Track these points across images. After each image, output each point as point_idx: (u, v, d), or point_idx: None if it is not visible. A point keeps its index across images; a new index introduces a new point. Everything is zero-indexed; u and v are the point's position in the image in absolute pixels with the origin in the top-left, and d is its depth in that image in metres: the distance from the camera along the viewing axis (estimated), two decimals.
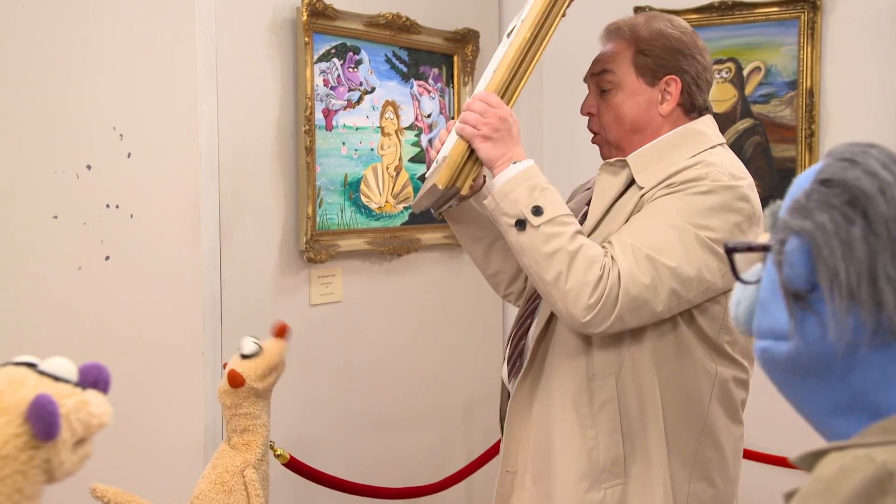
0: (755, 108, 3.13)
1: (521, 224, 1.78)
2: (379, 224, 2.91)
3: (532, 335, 1.98)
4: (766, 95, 3.11)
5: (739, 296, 0.99)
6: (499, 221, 1.82)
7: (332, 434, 2.81)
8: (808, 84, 3.01)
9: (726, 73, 3.15)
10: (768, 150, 3.11)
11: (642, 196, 1.88)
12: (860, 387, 0.90)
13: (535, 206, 1.78)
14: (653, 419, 1.89)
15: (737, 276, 0.98)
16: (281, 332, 2.16)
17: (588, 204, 2.02)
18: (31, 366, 1.09)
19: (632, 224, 1.85)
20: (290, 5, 2.61)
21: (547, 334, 1.95)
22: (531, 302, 2.04)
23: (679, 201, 1.82)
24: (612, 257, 1.77)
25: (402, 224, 3.00)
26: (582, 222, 1.94)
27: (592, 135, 2.03)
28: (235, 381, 2.04)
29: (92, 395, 1.09)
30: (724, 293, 1.85)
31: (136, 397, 2.45)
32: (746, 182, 1.88)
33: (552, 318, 1.92)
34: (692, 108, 1.98)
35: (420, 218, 3.04)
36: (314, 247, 2.66)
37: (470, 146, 1.85)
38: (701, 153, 1.89)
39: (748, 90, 3.13)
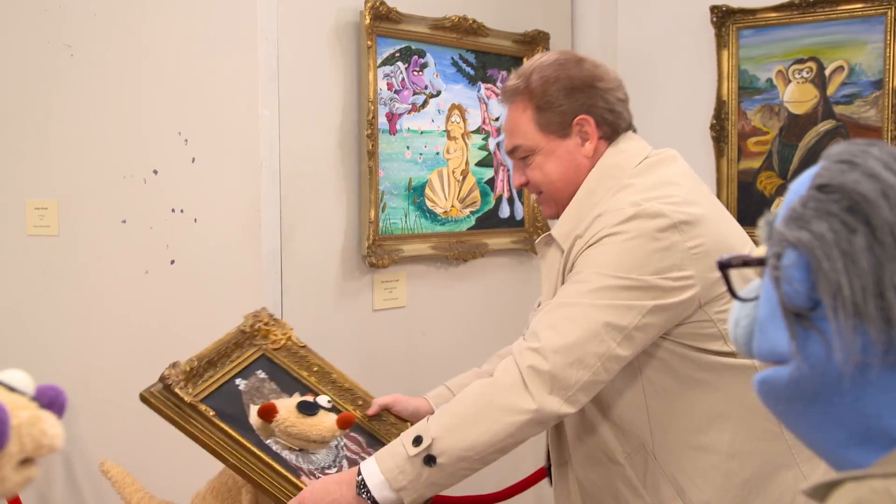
0: (838, 110, 3.00)
1: (430, 461, 1.71)
2: (444, 228, 2.89)
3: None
4: (850, 96, 2.99)
5: (738, 314, 0.90)
6: (418, 481, 1.72)
7: None
8: (895, 83, 2.88)
9: (807, 72, 3.04)
10: None
11: (564, 255, 1.83)
12: (874, 411, 0.81)
13: (426, 456, 1.71)
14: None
15: (733, 294, 0.90)
16: (345, 423, 1.95)
17: None
18: None
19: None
20: (353, 9, 2.60)
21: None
22: None
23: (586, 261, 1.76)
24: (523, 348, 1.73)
25: (469, 228, 2.96)
26: None
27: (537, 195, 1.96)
28: (268, 413, 1.90)
29: (48, 415, 1.02)
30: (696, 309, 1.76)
31: None
32: (656, 202, 1.75)
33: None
34: (614, 133, 1.88)
35: (487, 222, 3.01)
36: (376, 251, 2.64)
37: None
38: (620, 188, 1.81)
39: (830, 90, 3.01)
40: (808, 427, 0.86)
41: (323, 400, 1.95)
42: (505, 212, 3.08)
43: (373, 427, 2.10)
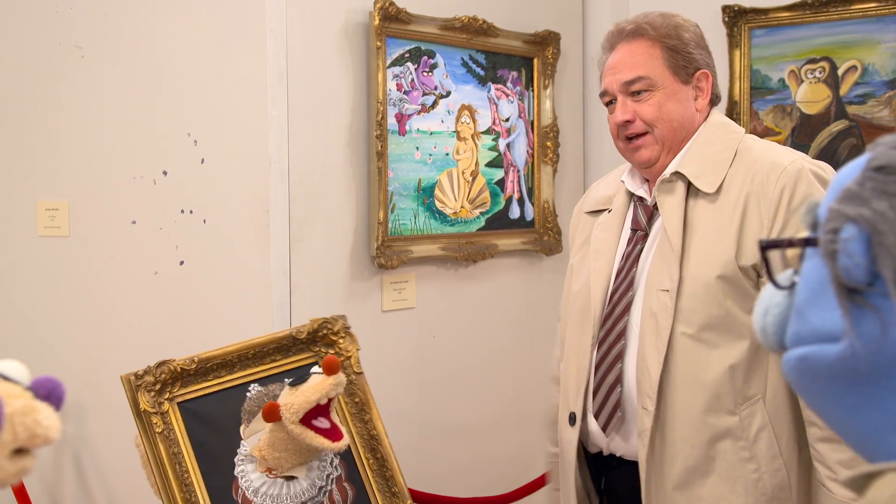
0: (850, 110, 2.98)
1: None
2: (454, 229, 2.88)
3: (636, 379, 1.86)
4: (863, 96, 2.96)
5: (767, 303, 0.87)
6: None
7: (406, 442, 2.78)
8: None
9: (820, 72, 3.02)
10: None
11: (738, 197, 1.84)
12: None
13: None
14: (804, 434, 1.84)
15: (772, 279, 0.87)
16: (330, 367, 1.93)
17: (636, 227, 1.96)
18: None
19: None
20: (362, 9, 2.60)
21: (665, 374, 1.83)
22: (610, 345, 1.92)
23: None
24: None
25: (479, 229, 2.96)
26: (634, 246, 1.92)
27: (629, 141, 1.93)
28: (272, 414, 1.89)
29: (43, 405, 1.02)
30: None
31: None
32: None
33: (669, 356, 1.82)
34: (716, 99, 1.97)
35: (497, 223, 3.00)
36: (385, 252, 2.64)
37: None
38: (740, 144, 1.89)
39: (843, 90, 2.99)
40: (844, 409, 0.83)
41: (315, 368, 1.96)
42: (515, 213, 3.07)
43: (374, 488, 2.09)
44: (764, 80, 3.10)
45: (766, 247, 0.87)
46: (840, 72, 2.99)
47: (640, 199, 1.97)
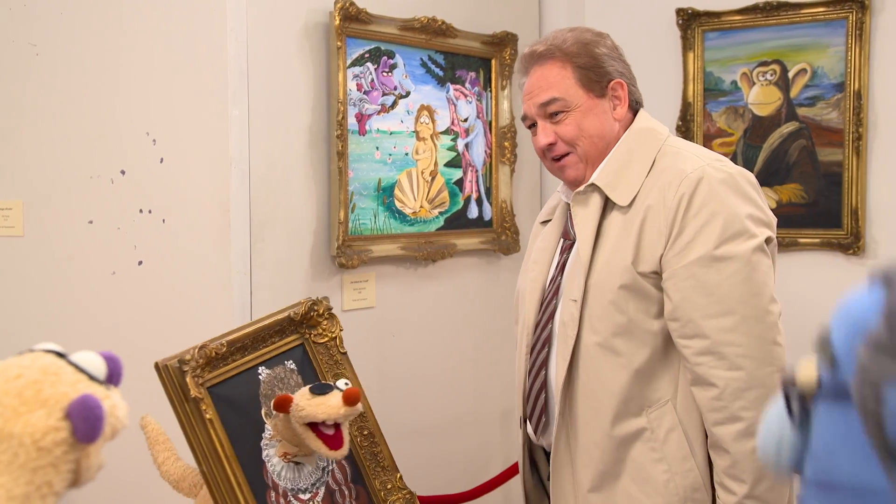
0: (801, 111, 3.05)
1: None
2: (413, 229, 2.89)
3: (556, 385, 1.93)
4: (813, 98, 3.03)
5: (778, 432, 0.84)
6: None
7: None
8: (856, 86, 2.93)
9: (771, 75, 3.08)
10: (814, 155, 3.02)
11: (629, 208, 1.88)
12: None
13: None
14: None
15: (792, 417, 0.83)
16: (349, 399, 1.91)
17: (565, 237, 2.01)
18: (58, 354, 1.08)
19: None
20: (322, 9, 2.60)
21: (571, 382, 1.90)
22: (538, 352, 1.99)
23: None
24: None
25: (438, 229, 2.97)
26: (562, 255, 1.98)
27: (555, 161, 1.98)
28: (283, 405, 1.88)
29: (118, 398, 1.09)
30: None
31: (167, 402, 2.45)
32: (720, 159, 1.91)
33: (574, 360, 1.88)
34: (636, 104, 2.00)
35: (456, 223, 3.02)
36: (346, 252, 2.64)
37: None
38: (659, 151, 1.92)
39: (794, 93, 3.05)
40: None
41: (341, 383, 1.95)
42: (473, 212, 3.09)
43: (365, 465, 2.10)
44: (717, 82, 3.15)
45: (788, 386, 0.83)
46: (790, 74, 3.06)
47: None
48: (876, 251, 2.95)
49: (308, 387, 1.92)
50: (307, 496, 1.94)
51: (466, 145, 3.05)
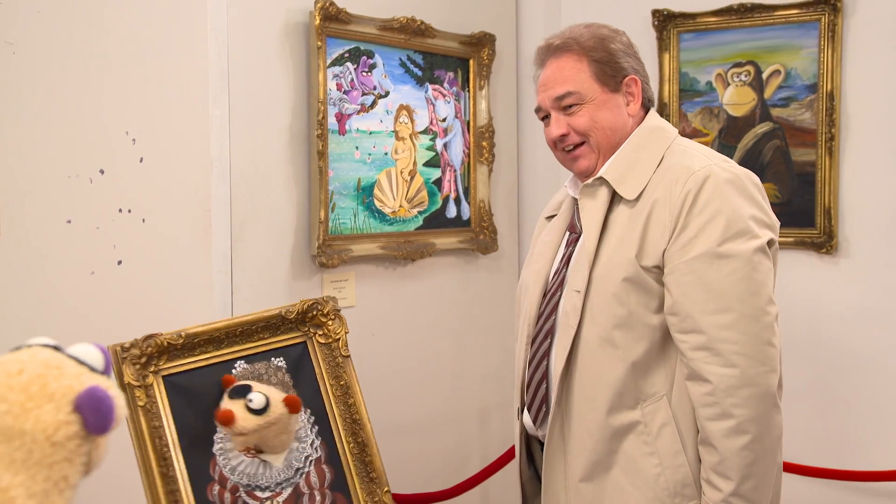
0: (774, 112, 3.09)
1: None
2: (393, 228, 2.90)
3: (555, 376, 1.94)
4: (786, 99, 3.07)
5: None
6: None
7: None
8: (829, 87, 2.97)
9: (745, 76, 3.11)
10: (788, 155, 3.07)
11: (637, 202, 1.90)
12: None
13: None
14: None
15: None
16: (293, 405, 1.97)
17: (571, 230, 2.03)
18: (54, 348, 1.09)
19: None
20: (302, 9, 2.61)
21: (570, 372, 1.92)
22: (539, 343, 2.00)
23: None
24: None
25: (417, 228, 2.98)
26: (568, 248, 1.99)
27: (567, 153, 2.00)
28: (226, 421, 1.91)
29: (117, 389, 1.09)
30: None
31: None
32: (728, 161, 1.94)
33: (573, 350, 1.90)
34: (648, 102, 2.03)
35: (434, 222, 3.03)
36: (326, 251, 2.65)
37: None
38: (668, 149, 1.94)
39: (767, 94, 3.09)
40: None
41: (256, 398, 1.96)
42: (452, 212, 3.10)
43: (353, 473, 2.10)
44: (692, 83, 3.19)
45: None
46: (764, 76, 3.09)
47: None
48: (848, 250, 2.99)
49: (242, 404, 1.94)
50: (266, 494, 1.94)
51: (445, 145, 3.06)
